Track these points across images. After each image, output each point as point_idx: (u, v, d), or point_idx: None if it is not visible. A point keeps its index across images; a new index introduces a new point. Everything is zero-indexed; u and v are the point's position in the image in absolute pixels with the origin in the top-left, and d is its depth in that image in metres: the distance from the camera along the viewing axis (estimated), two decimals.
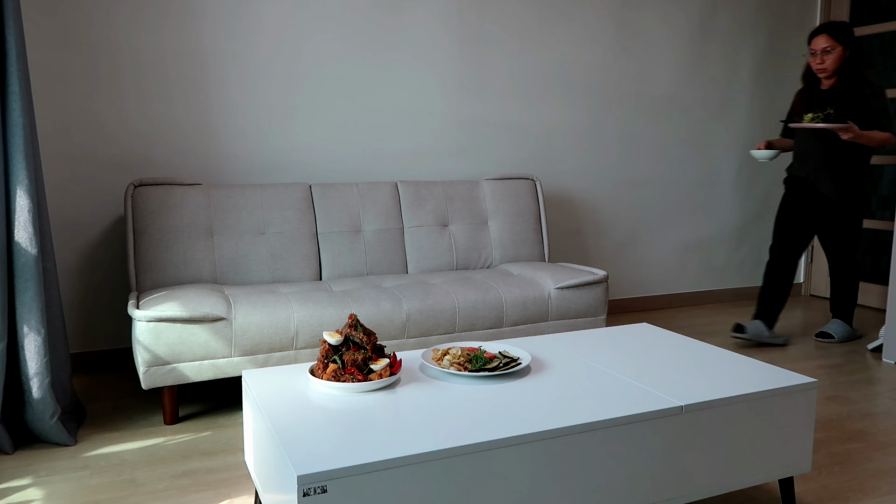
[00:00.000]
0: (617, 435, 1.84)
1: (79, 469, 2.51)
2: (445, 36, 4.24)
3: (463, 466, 1.66)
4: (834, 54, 3.87)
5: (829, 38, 3.87)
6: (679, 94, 5.00)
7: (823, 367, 3.74)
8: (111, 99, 3.58)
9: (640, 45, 4.81)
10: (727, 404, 1.99)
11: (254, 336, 2.92)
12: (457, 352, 2.25)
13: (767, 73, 5.28)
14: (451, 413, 1.85)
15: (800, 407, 2.12)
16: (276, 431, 1.73)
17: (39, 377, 2.60)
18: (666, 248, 5.13)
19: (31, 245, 2.55)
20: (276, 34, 3.85)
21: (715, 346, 2.49)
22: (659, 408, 1.89)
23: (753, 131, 5.30)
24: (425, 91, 4.23)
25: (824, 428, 2.92)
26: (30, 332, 2.57)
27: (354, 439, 1.67)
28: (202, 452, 2.66)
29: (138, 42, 3.59)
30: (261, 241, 3.49)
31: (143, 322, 2.78)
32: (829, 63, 3.88)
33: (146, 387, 2.83)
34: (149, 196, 3.36)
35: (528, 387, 2.06)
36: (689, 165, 5.12)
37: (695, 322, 4.74)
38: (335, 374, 2.03)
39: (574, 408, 1.89)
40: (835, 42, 3.86)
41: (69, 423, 2.80)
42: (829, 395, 3.30)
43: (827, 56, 3.88)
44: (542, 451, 1.75)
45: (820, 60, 3.91)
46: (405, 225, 3.83)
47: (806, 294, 5.66)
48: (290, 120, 3.94)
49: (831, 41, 3.86)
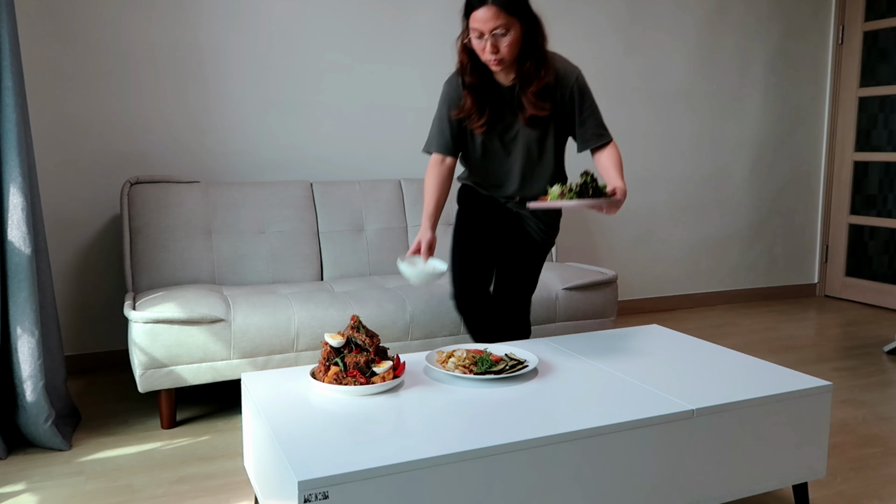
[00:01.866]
0: (626, 439, 1.84)
1: (73, 475, 2.51)
2: (450, 30, 4.24)
3: (468, 472, 1.66)
4: (511, 36, 2.43)
5: (500, 12, 2.38)
6: (690, 88, 4.99)
7: (838, 369, 3.73)
8: (107, 94, 3.58)
9: (649, 39, 4.81)
10: (740, 408, 1.99)
11: (253, 338, 2.92)
12: (462, 354, 2.25)
13: (781, 66, 5.27)
14: (456, 417, 1.85)
15: (814, 411, 2.11)
16: (276, 436, 1.73)
17: (33, 380, 2.60)
18: (677, 247, 5.12)
19: (24, 244, 2.56)
20: (276, 27, 3.85)
21: (727, 349, 2.49)
22: (669, 412, 1.89)
23: (766, 125, 5.29)
24: (429, 87, 4.23)
25: (839, 432, 2.91)
26: (23, 333, 2.58)
27: (357, 444, 1.67)
28: (200, 457, 2.66)
29: (136, 35, 3.60)
30: (260, 241, 3.49)
31: (139, 323, 2.79)
32: (507, 50, 2.45)
33: (143, 390, 2.83)
34: (145, 194, 3.36)
35: (536, 390, 2.06)
36: (701, 162, 5.11)
37: (707, 323, 4.73)
38: (337, 377, 2.03)
39: (582, 412, 1.89)
40: (509, 17, 2.41)
41: (64, 427, 2.81)
42: (844, 399, 3.30)
43: (501, 40, 2.42)
44: (550, 456, 1.74)
45: (492, 48, 2.43)
46: (409, 224, 3.83)
47: (820, 295, 5.65)
48: (290, 115, 3.95)
49: (505, 17, 2.40)
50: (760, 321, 4.81)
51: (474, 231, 2.82)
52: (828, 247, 5.62)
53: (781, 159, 5.39)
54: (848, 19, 5.33)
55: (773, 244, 5.47)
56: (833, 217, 5.55)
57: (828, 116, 5.47)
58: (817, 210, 5.60)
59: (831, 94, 5.44)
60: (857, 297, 5.42)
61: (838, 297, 5.58)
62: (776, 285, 5.52)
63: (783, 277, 5.54)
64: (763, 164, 5.34)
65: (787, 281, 5.56)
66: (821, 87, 5.45)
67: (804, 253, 5.60)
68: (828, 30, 5.39)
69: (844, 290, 5.53)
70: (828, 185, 5.54)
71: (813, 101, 5.44)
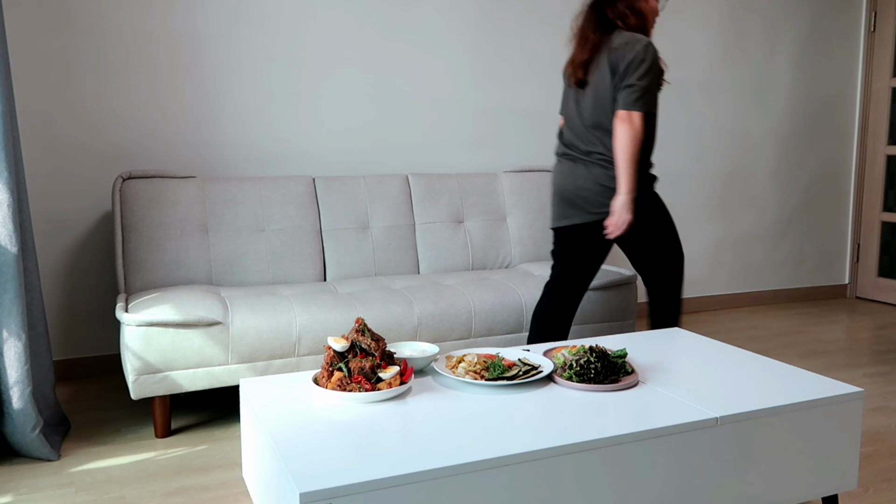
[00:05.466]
0: (646, 449, 1.83)
1: (63, 486, 2.52)
2: (461, 18, 4.24)
3: (479, 484, 1.65)
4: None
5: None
6: (713, 77, 4.98)
7: (870, 375, 3.72)
8: (98, 84, 3.59)
9: (670, 25, 4.80)
10: (766, 416, 1.98)
11: (252, 342, 2.92)
12: (473, 359, 2.25)
13: (810, 54, 5.25)
14: (467, 425, 1.85)
15: (845, 419, 2.10)
16: (276, 445, 1.73)
17: (20, 386, 2.61)
18: (700, 247, 5.11)
19: (10, 243, 2.56)
20: (276, 15, 3.85)
21: (753, 353, 2.48)
22: (693, 419, 1.88)
23: (794, 118, 5.28)
24: (438, 77, 4.23)
25: (871, 441, 2.90)
26: (9, 337, 2.58)
27: (361, 454, 1.67)
28: (196, 468, 2.66)
29: (128, 23, 3.61)
30: (260, 239, 3.50)
31: (132, 327, 2.79)
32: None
33: (136, 397, 2.83)
34: (139, 190, 3.37)
35: (550, 397, 2.06)
36: (725, 156, 5.10)
37: (731, 326, 4.72)
38: (341, 383, 2.03)
39: (600, 419, 1.88)
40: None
41: (52, 436, 2.81)
42: (876, 406, 3.28)
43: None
44: (566, 467, 1.74)
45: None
46: (417, 221, 3.83)
47: (851, 296, 5.63)
48: (291, 107, 3.95)
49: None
50: (788, 324, 4.79)
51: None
52: (859, 246, 5.60)
53: (810, 153, 5.37)
54: (880, 5, 5.31)
55: (801, 243, 5.45)
56: (865, 214, 5.53)
57: (859, 108, 5.45)
58: (848, 207, 5.58)
59: (863, 84, 5.41)
60: (890, 299, 5.40)
61: (870, 299, 5.56)
62: (805, 286, 5.50)
63: (812, 278, 5.52)
64: (790, 159, 5.32)
65: (816, 282, 5.54)
66: (852, 77, 5.43)
67: (834, 252, 5.58)
68: (859, 16, 5.37)
69: (876, 292, 5.51)
70: (859, 181, 5.51)
71: (843, 91, 5.42)
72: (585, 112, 2.93)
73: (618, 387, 2.10)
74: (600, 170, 2.89)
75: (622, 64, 2.79)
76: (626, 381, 2.13)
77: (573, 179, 2.95)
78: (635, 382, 2.16)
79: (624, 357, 2.21)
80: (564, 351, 2.29)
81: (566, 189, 2.97)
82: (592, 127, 2.90)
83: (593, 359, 2.16)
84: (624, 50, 2.80)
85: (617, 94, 2.82)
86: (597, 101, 2.88)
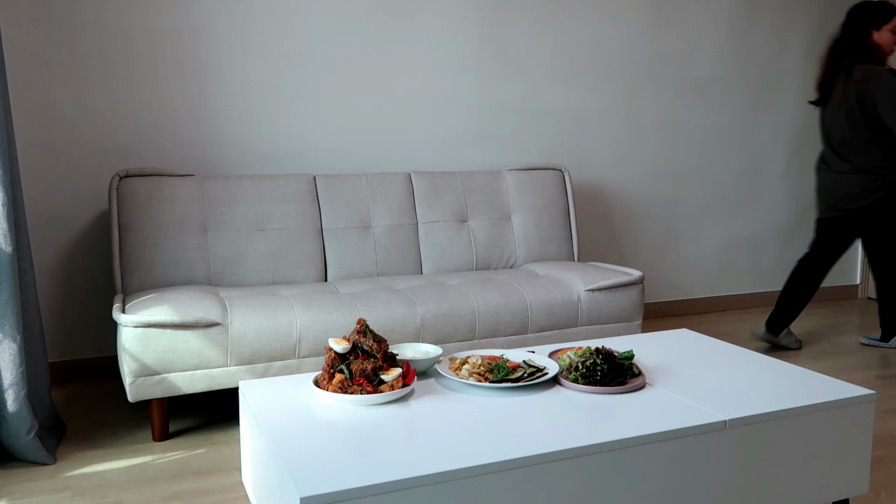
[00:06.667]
0: (654, 452, 1.83)
1: (58, 490, 2.52)
2: (465, 13, 4.23)
3: (483, 488, 1.65)
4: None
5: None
6: (722, 75, 4.97)
7: (882, 377, 3.71)
8: (94, 81, 3.59)
9: (679, 22, 4.79)
10: (776, 419, 1.98)
11: (252, 343, 2.93)
12: (477, 360, 2.25)
13: (819, 52, 5.24)
14: (471, 428, 1.85)
15: (856, 421, 2.10)
16: (276, 449, 1.73)
17: (15, 389, 2.61)
18: (708, 247, 5.11)
19: (5, 243, 2.56)
20: (276, 10, 3.85)
21: (762, 355, 2.48)
22: (701, 422, 1.88)
23: (804, 117, 5.27)
24: (441, 72, 4.23)
25: (883, 445, 2.90)
26: (4, 339, 2.59)
27: (363, 458, 1.67)
28: (195, 472, 2.66)
29: (125, 18, 3.61)
30: (260, 239, 3.50)
31: (129, 328, 2.79)
32: None
33: (133, 399, 2.84)
34: (136, 188, 3.37)
35: (556, 399, 2.05)
36: (734, 154, 5.10)
37: (740, 328, 4.72)
38: (342, 386, 2.03)
39: (606, 422, 1.88)
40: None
41: (47, 439, 2.82)
42: (888, 409, 3.28)
43: None
44: (572, 471, 1.74)
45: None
46: (419, 220, 3.83)
47: (863, 297, 5.62)
48: (292, 104, 3.95)
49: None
50: (798, 325, 4.78)
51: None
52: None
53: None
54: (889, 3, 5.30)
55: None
56: None
57: None
58: None
59: None
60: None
61: None
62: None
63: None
64: (800, 157, 5.31)
65: (826, 282, 5.53)
66: None
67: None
68: None
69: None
70: None
71: None
72: None
73: (625, 389, 2.11)
74: None
75: None
76: (633, 384, 2.13)
77: None
78: (642, 385, 2.15)
79: (631, 359, 2.21)
80: (570, 353, 2.29)
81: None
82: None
83: (600, 360, 2.16)
84: None
85: None
86: None
